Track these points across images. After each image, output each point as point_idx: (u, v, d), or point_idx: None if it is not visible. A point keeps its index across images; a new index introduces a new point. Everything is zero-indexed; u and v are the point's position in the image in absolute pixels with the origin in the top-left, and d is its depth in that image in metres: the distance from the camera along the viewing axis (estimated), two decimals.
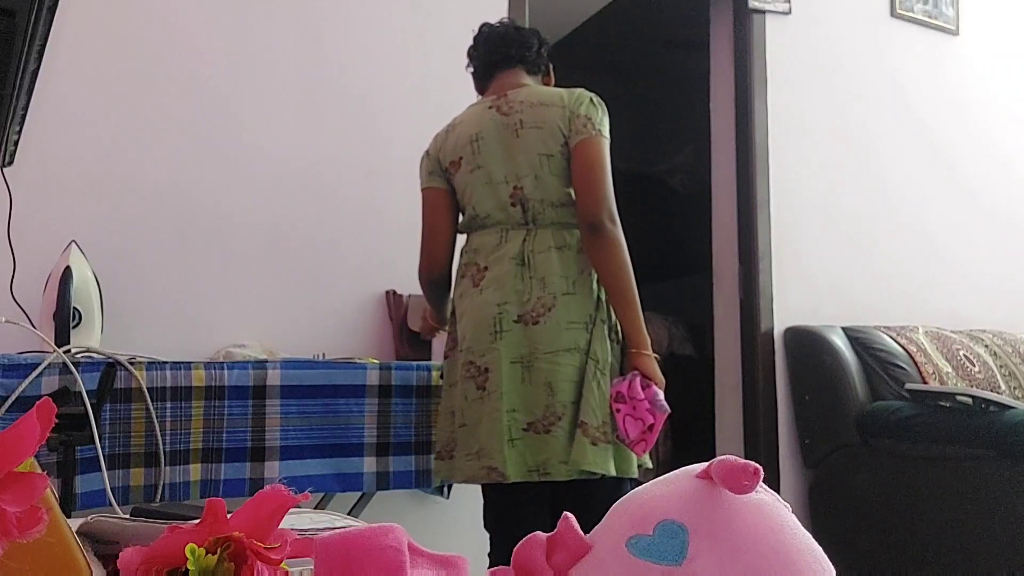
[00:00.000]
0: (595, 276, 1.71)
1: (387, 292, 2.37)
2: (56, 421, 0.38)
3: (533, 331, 1.65)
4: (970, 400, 2.48)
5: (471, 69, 1.92)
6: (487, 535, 1.82)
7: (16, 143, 0.98)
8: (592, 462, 1.59)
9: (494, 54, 1.85)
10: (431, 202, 1.86)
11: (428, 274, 1.86)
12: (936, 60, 3.52)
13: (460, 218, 1.86)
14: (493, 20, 1.93)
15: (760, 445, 2.88)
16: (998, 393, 2.80)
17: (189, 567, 0.39)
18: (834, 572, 0.40)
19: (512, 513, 1.76)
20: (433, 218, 1.85)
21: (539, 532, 0.42)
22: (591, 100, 1.74)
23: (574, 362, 1.64)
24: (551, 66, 1.93)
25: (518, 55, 1.84)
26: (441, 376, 1.84)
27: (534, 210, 1.72)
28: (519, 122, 1.73)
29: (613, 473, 1.62)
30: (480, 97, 1.90)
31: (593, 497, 1.64)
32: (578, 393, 1.63)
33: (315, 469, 1.75)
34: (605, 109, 1.75)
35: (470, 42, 1.91)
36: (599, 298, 1.71)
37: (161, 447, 1.60)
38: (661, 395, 1.67)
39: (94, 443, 1.44)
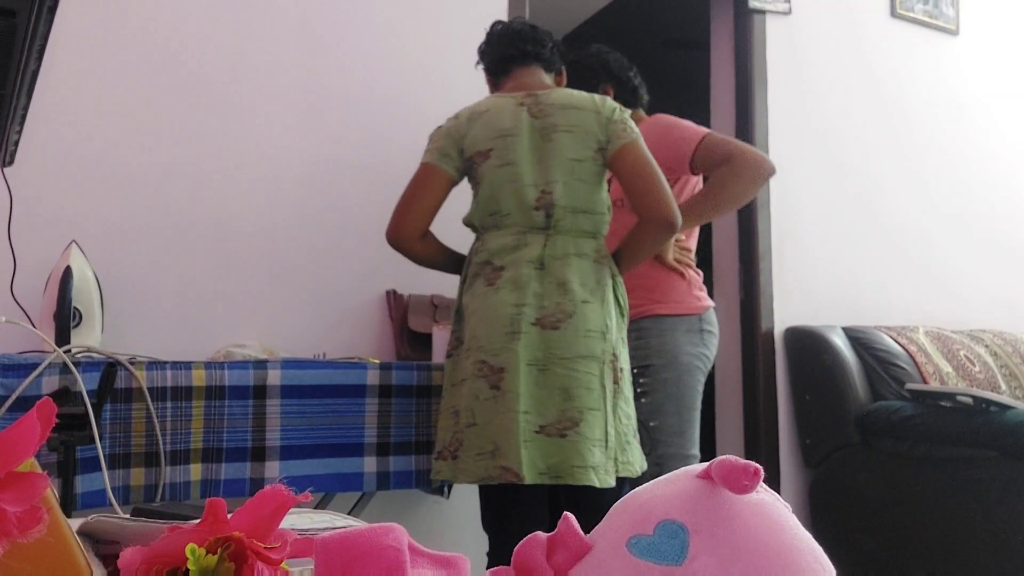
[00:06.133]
0: (610, 287, 1.73)
1: (387, 292, 2.37)
2: (56, 421, 0.38)
3: (551, 336, 1.64)
4: (970, 400, 2.48)
5: (481, 66, 1.90)
6: (487, 535, 1.82)
7: (16, 143, 0.98)
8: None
9: (509, 48, 1.84)
10: (431, 180, 1.79)
11: (398, 239, 1.81)
12: (936, 60, 3.52)
13: (473, 209, 1.81)
14: (495, 20, 1.92)
15: (760, 445, 2.88)
16: (998, 393, 2.80)
17: (189, 567, 0.39)
18: (834, 572, 0.40)
19: (512, 514, 1.76)
20: (426, 193, 1.79)
21: (539, 532, 0.42)
22: (619, 108, 1.77)
23: (591, 369, 1.64)
24: (564, 67, 1.93)
25: (534, 52, 1.83)
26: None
27: (556, 216, 1.71)
28: (552, 126, 1.72)
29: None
30: (492, 93, 1.88)
31: (592, 498, 1.64)
32: (597, 401, 1.64)
33: (315, 469, 1.75)
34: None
35: (471, 42, 1.90)
36: (618, 310, 1.74)
37: (161, 447, 1.60)
38: None
39: (94, 443, 1.44)
